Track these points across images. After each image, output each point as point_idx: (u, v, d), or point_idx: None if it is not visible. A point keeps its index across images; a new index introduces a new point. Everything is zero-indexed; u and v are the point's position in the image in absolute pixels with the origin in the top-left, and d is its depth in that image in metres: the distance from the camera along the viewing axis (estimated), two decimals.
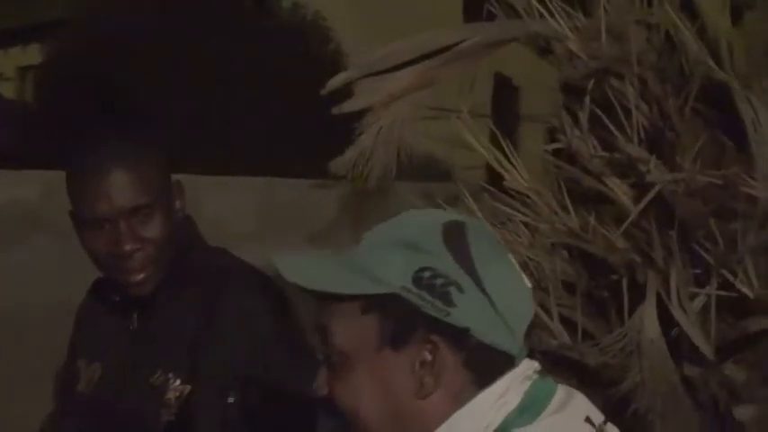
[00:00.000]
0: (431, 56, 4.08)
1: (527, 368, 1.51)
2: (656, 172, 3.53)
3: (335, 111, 3.99)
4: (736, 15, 3.67)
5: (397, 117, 4.02)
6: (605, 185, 3.74)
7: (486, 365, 1.47)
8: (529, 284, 1.51)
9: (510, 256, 1.52)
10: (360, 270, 1.48)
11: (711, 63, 3.50)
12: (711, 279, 3.43)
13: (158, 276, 2.24)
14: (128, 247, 2.19)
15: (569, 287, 3.80)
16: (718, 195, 3.54)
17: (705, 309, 3.45)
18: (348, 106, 4.01)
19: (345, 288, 1.48)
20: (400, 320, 1.46)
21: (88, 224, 2.21)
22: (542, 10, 3.68)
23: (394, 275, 1.46)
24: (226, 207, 6.16)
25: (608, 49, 3.55)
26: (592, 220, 3.71)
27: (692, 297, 3.44)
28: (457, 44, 4.06)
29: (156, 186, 2.23)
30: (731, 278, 3.36)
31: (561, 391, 1.52)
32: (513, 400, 1.47)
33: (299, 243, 5.74)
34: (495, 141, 4.18)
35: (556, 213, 3.86)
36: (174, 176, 2.30)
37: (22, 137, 9.46)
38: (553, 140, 3.90)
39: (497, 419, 1.46)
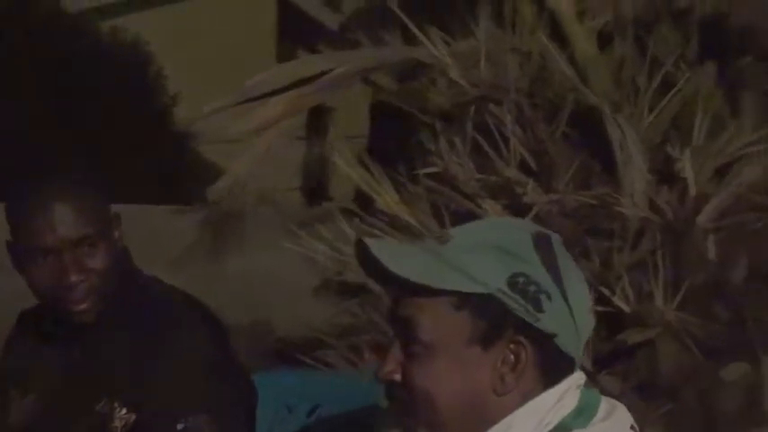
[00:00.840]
0: (303, 83, 4.19)
1: (580, 377, 1.62)
2: (532, 194, 3.69)
3: (209, 140, 4.06)
4: (604, 42, 3.86)
5: (271, 143, 4.12)
6: (480, 207, 3.89)
7: (557, 370, 1.60)
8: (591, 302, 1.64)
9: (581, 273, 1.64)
10: (455, 268, 1.56)
11: (583, 88, 3.68)
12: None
13: (101, 306, 2.27)
14: (74, 278, 2.22)
15: None
16: (591, 215, 3.72)
17: None
18: (231, 131, 4.08)
19: (446, 284, 1.56)
20: (493, 320, 1.56)
21: (32, 255, 2.23)
22: (422, 37, 3.79)
23: (491, 277, 1.55)
24: None
25: (486, 76, 3.70)
26: None
27: None
28: (329, 71, 4.19)
29: (98, 217, 2.27)
30: (608, 294, 3.52)
31: (605, 400, 1.64)
32: (571, 404, 1.59)
33: (159, 269, 5.78)
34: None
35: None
36: None
37: None
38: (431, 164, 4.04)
39: (555, 420, 1.58)
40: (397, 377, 1.62)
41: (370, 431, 2.72)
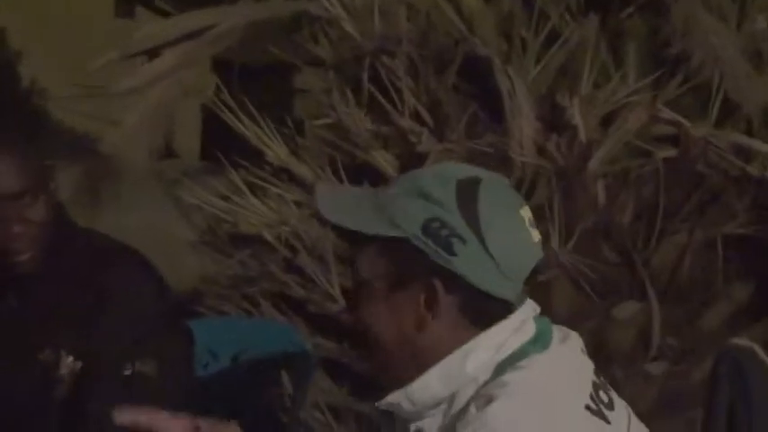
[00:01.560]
0: (190, 37, 4.20)
1: (534, 308, 1.73)
2: (426, 143, 3.78)
3: (102, 92, 4.05)
4: None
5: (163, 97, 4.12)
6: (373, 157, 3.97)
7: (481, 309, 1.67)
8: (535, 239, 1.71)
9: (522, 211, 1.70)
10: (385, 214, 1.66)
11: (473, 39, 3.77)
12: None
13: (41, 255, 2.29)
14: (16, 229, 2.25)
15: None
16: (483, 164, 3.82)
17: None
18: (116, 87, 4.07)
19: (371, 229, 1.66)
20: (410, 263, 1.66)
21: None
22: None
23: (408, 222, 1.65)
24: None
25: (379, 29, 3.77)
26: None
27: None
28: (214, 26, 4.21)
29: (37, 171, 2.30)
30: None
31: (557, 328, 1.75)
32: (529, 331, 1.69)
33: None
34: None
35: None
36: None
37: None
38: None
39: (514, 344, 1.66)
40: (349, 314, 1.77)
41: (288, 373, 2.83)
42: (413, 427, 1.73)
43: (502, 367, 1.65)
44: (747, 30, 3.85)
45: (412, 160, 3.90)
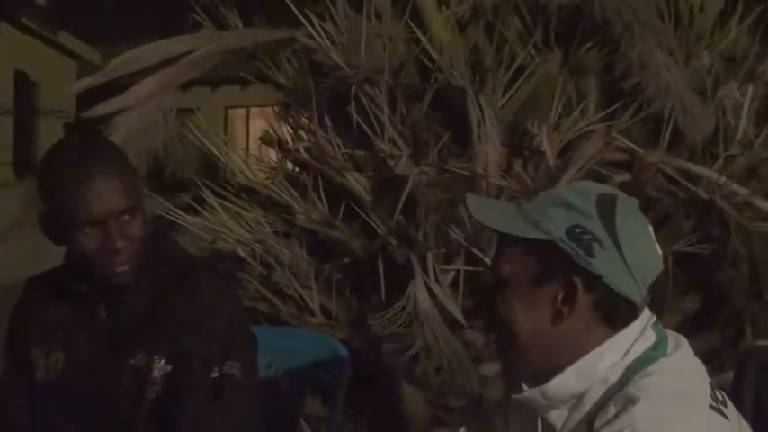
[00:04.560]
0: (168, 63, 4.41)
1: (650, 315, 1.98)
2: (404, 166, 4.05)
3: (86, 114, 4.23)
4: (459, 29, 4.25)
5: (144, 119, 4.33)
6: (346, 179, 4.24)
7: (613, 310, 1.93)
8: (659, 252, 1.95)
9: (649, 228, 1.96)
10: (530, 220, 1.92)
11: (449, 70, 4.06)
12: (459, 257, 4.01)
13: (135, 269, 2.50)
14: (119, 244, 2.45)
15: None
16: (453, 186, 4.11)
17: (454, 282, 4.02)
18: (101, 109, 4.25)
19: (519, 232, 1.91)
20: (553, 262, 1.91)
21: (79, 226, 2.44)
22: (306, 23, 4.11)
23: (554, 227, 1.90)
24: None
25: (364, 60, 4.04)
26: (341, 210, 4.20)
27: (444, 272, 4.00)
28: (191, 51, 4.42)
29: (135, 190, 2.50)
30: (480, 254, 3.93)
31: (670, 333, 2.00)
32: (651, 337, 1.94)
33: None
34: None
35: (291, 206, 4.32)
36: None
37: None
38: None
39: (639, 350, 1.92)
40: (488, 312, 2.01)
41: (320, 377, 3.06)
42: (541, 418, 2.01)
43: (631, 370, 1.91)
44: (694, 65, 4.21)
45: (384, 182, 4.19)
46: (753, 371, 2.44)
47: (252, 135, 20.81)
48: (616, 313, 1.94)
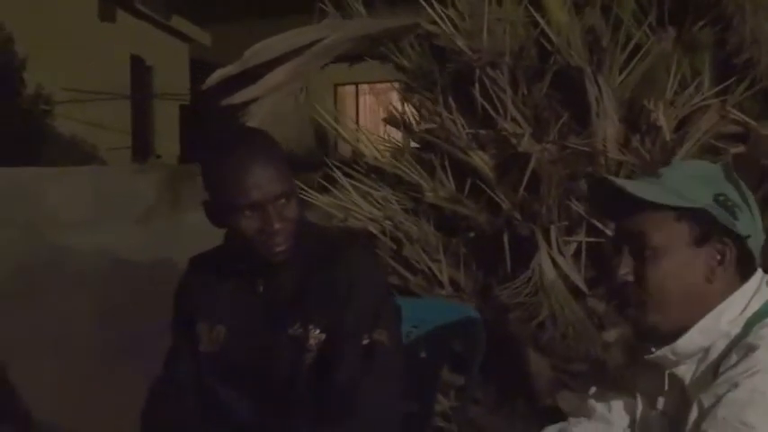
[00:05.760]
0: (297, 52, 4.66)
1: (764, 274, 2.22)
2: (527, 143, 4.26)
3: (226, 102, 4.50)
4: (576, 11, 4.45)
5: (277, 107, 4.60)
6: (470, 157, 4.46)
7: (748, 265, 2.20)
8: None
9: None
10: (674, 192, 2.16)
11: (568, 51, 4.26)
12: (580, 229, 4.21)
13: (291, 247, 2.76)
14: (277, 225, 2.71)
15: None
16: (574, 162, 4.32)
17: (576, 253, 4.23)
18: (239, 97, 4.53)
19: (672, 202, 2.16)
20: (705, 227, 2.17)
21: (241, 209, 2.70)
22: (430, 10, 4.34)
23: (700, 196, 2.16)
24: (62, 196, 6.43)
25: (486, 44, 4.26)
26: (466, 187, 4.44)
27: (566, 244, 4.20)
28: (320, 40, 4.67)
29: (289, 176, 2.76)
30: (601, 226, 4.13)
31: None
32: (766, 293, 2.20)
33: (125, 226, 6.16)
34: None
35: (419, 184, 4.56)
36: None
37: None
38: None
39: (756, 305, 2.18)
40: (631, 278, 2.21)
41: (455, 346, 3.28)
42: (668, 372, 2.23)
43: (750, 324, 2.15)
44: None
45: (507, 160, 4.41)
46: None
47: (361, 111, 21.14)
48: (750, 269, 2.21)
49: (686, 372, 2.23)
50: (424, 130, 4.52)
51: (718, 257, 2.19)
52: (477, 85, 4.29)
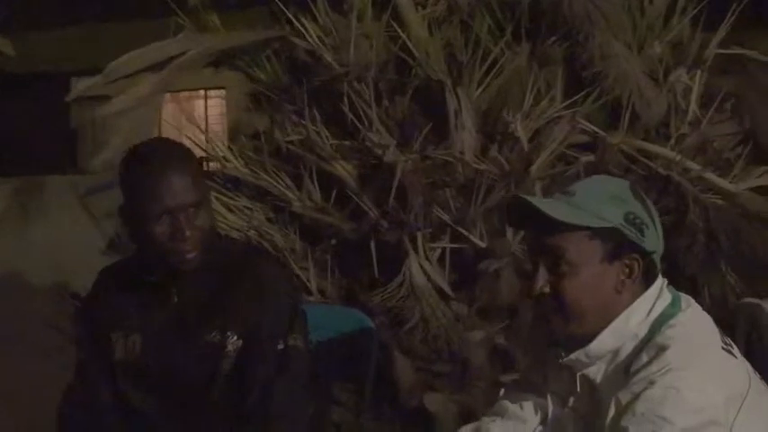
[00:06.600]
0: (163, 64, 4.74)
1: (664, 279, 2.41)
2: (392, 154, 4.43)
3: (98, 112, 4.56)
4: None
5: (142, 118, 4.66)
6: (334, 167, 4.60)
7: (651, 274, 2.38)
8: None
9: None
10: (588, 211, 2.32)
11: (429, 65, 4.44)
12: (444, 236, 4.40)
13: (202, 256, 2.85)
14: (187, 233, 2.79)
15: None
16: (434, 171, 4.50)
17: (440, 259, 4.42)
18: (107, 109, 4.58)
19: (586, 222, 2.32)
20: (616, 244, 2.33)
21: (154, 216, 2.77)
22: (299, 26, 4.47)
23: (613, 216, 2.32)
24: None
25: (352, 58, 4.41)
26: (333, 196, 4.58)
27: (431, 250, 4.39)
28: (185, 53, 4.76)
29: (203, 185, 2.84)
30: (465, 233, 4.32)
31: (680, 294, 2.43)
32: (668, 297, 2.39)
33: None
34: None
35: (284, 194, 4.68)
36: None
37: None
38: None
39: (659, 308, 2.36)
40: (547, 290, 2.38)
41: (356, 349, 3.39)
42: (579, 374, 2.41)
43: (655, 326, 2.33)
44: (647, 54, 4.64)
45: (370, 170, 4.57)
46: (741, 328, 2.87)
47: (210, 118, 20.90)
48: (653, 278, 2.37)
49: (597, 372, 2.41)
50: (286, 141, 4.64)
51: (627, 271, 2.35)
52: (345, 99, 4.43)
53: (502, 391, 2.74)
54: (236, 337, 2.85)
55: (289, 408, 2.82)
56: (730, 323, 2.90)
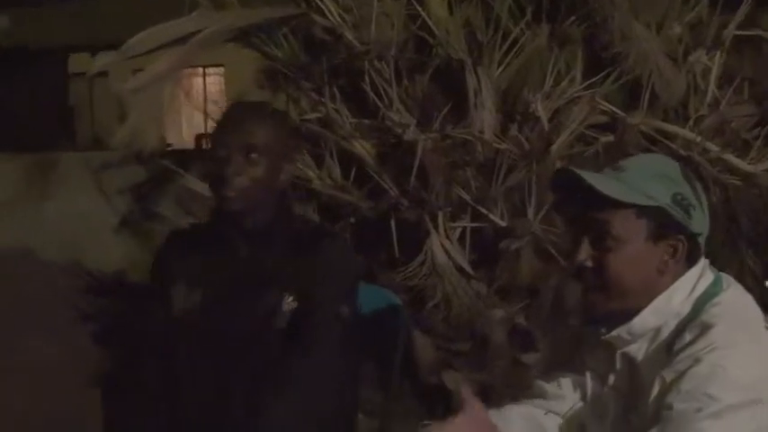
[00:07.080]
0: (180, 41, 4.73)
1: (706, 259, 2.43)
2: (411, 133, 4.44)
3: (115, 89, 4.55)
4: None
5: (159, 95, 4.66)
6: (354, 146, 4.61)
7: (695, 257, 2.39)
8: None
9: None
10: (636, 189, 2.33)
11: (450, 44, 4.45)
12: (465, 215, 4.42)
13: (247, 203, 2.91)
14: (235, 176, 2.88)
15: None
16: (452, 150, 4.51)
17: (460, 238, 4.43)
18: (126, 86, 4.58)
19: (635, 200, 2.32)
20: (662, 224, 2.34)
21: (214, 152, 2.91)
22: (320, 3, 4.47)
23: (660, 195, 2.33)
24: None
25: (374, 36, 4.42)
26: (352, 175, 4.60)
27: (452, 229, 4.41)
28: (200, 30, 4.75)
29: (275, 141, 2.94)
30: (486, 212, 4.34)
31: (722, 273, 2.45)
32: (710, 276, 2.41)
33: None
34: None
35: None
36: None
37: None
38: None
39: (701, 287, 2.38)
40: (590, 263, 2.39)
41: (384, 327, 3.42)
42: (620, 351, 2.43)
43: (698, 304, 2.35)
44: (666, 35, 4.64)
45: (389, 149, 4.58)
46: None
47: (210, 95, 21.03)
48: (698, 260, 2.38)
49: (638, 350, 2.42)
50: (305, 120, 4.65)
51: (671, 251, 2.37)
52: (366, 77, 4.43)
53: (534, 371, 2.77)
54: (291, 299, 2.91)
55: (325, 367, 2.94)
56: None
